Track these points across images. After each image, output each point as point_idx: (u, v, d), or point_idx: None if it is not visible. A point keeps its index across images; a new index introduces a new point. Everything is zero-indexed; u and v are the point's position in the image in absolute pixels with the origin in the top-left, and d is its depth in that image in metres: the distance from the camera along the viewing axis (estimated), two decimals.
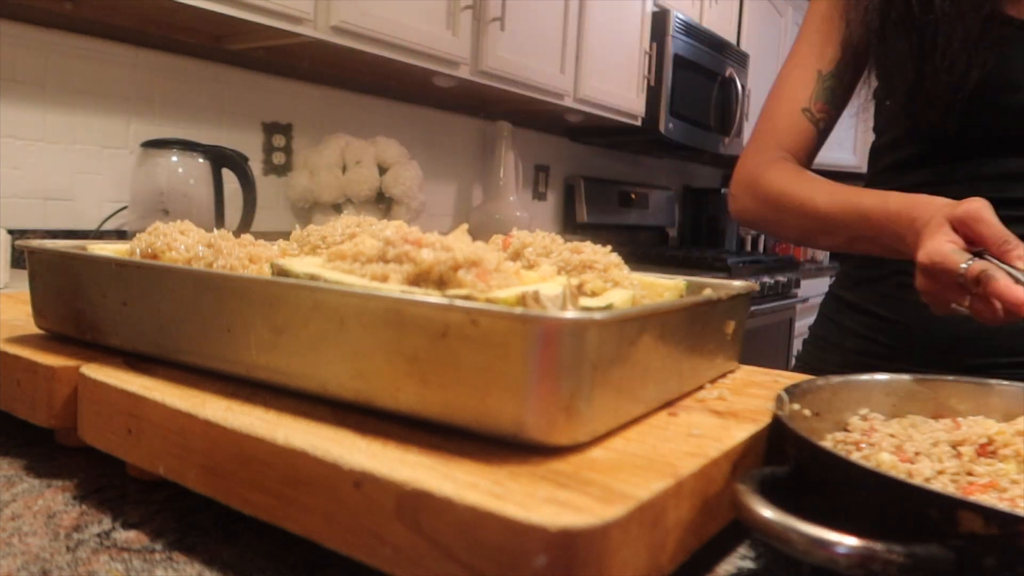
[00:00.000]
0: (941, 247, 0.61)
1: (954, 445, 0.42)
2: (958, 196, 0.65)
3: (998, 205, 0.63)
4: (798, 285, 3.04)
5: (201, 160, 1.61)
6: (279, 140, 2.07)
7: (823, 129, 0.90)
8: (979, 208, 0.61)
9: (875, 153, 0.93)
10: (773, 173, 0.86)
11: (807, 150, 0.89)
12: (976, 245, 0.61)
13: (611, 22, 2.59)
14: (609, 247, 0.54)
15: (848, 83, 0.89)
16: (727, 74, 3.17)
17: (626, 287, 0.50)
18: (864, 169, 0.97)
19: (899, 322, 0.86)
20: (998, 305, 0.58)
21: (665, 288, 0.58)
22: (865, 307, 0.90)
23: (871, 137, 0.95)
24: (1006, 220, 0.61)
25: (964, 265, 0.59)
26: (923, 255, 0.62)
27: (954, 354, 0.81)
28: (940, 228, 0.62)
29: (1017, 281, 0.56)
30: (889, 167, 0.89)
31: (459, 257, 0.39)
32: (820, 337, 0.97)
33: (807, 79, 0.89)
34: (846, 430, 0.46)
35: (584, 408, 0.35)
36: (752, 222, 0.92)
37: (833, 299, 0.97)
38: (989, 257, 0.59)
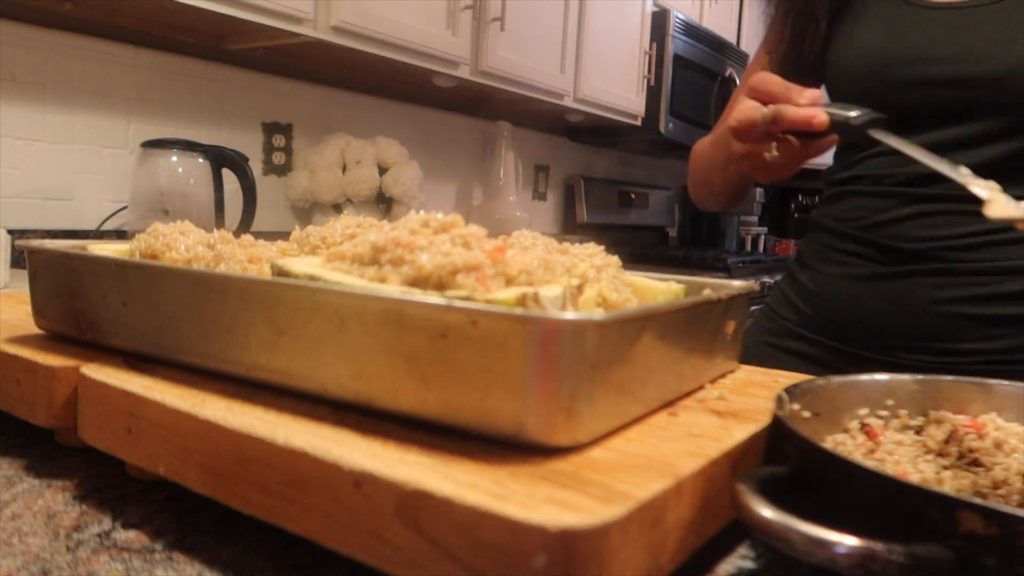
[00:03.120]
0: (743, 108, 0.70)
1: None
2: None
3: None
4: None
5: (201, 160, 1.61)
6: (279, 140, 2.07)
7: None
8: (762, 75, 0.70)
9: None
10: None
11: None
12: (770, 102, 0.69)
13: (611, 22, 2.59)
14: (602, 247, 0.54)
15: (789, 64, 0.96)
16: (727, 74, 3.17)
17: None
18: None
19: (815, 292, 0.92)
20: (795, 141, 0.67)
21: (659, 292, 0.57)
22: (797, 278, 0.98)
23: None
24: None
25: (763, 112, 0.67)
26: (731, 120, 0.70)
27: (862, 337, 0.87)
28: (740, 99, 0.72)
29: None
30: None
31: (458, 262, 0.39)
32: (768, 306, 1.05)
33: (759, 62, 1.01)
34: (846, 431, 0.46)
35: (584, 408, 0.35)
36: (695, 198, 1.06)
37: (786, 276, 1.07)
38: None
